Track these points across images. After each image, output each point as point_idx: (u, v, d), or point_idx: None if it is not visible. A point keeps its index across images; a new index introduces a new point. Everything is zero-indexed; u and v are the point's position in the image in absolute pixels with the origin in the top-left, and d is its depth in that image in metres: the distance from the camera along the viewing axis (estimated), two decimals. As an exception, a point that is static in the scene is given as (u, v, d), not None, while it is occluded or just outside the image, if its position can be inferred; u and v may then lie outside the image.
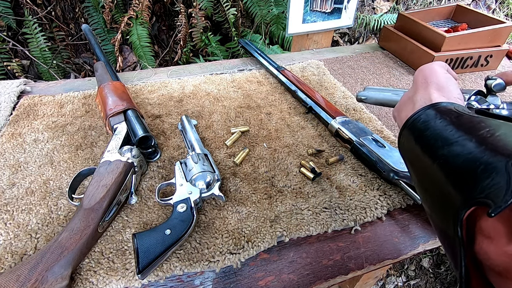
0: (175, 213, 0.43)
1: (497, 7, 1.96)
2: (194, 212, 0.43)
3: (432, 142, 0.23)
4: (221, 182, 0.49)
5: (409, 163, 0.28)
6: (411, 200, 0.49)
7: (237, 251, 0.43)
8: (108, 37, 1.46)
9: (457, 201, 0.18)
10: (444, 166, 0.21)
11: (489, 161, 0.18)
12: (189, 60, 1.54)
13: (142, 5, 1.33)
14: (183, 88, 0.76)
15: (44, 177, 0.52)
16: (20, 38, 1.37)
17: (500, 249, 0.17)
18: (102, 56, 0.70)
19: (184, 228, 0.41)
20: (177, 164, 0.51)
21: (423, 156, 0.23)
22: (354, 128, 0.57)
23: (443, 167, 0.21)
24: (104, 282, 0.39)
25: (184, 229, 0.41)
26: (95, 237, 0.42)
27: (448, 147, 0.21)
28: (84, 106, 0.69)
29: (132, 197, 0.48)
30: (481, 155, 0.19)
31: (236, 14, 1.39)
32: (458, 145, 0.20)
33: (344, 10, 0.93)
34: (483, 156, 0.18)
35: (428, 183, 0.22)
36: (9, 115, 0.66)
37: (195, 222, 0.43)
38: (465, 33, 0.82)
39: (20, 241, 0.43)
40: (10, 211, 0.47)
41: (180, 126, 0.63)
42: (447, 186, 0.20)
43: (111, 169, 0.46)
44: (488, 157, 0.18)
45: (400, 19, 0.94)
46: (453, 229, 0.18)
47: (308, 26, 0.92)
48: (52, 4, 1.36)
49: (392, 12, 1.86)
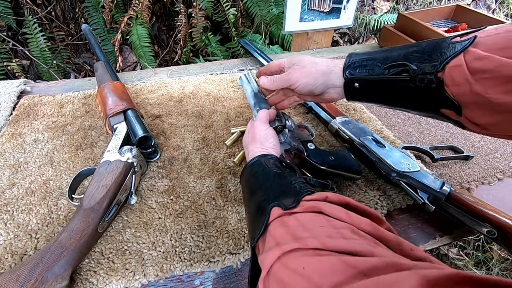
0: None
1: (497, 7, 1.96)
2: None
3: (249, 186, 0.40)
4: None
5: (244, 187, 0.43)
6: (411, 200, 0.49)
7: (237, 251, 0.43)
8: (108, 37, 1.46)
9: (262, 222, 0.32)
10: (254, 202, 0.36)
11: (263, 205, 0.33)
12: (189, 60, 1.54)
13: (142, 5, 1.33)
14: (183, 88, 0.76)
15: (44, 177, 0.52)
16: (20, 38, 1.37)
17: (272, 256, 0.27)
18: (102, 56, 0.70)
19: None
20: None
21: (251, 189, 0.39)
22: (354, 128, 0.57)
23: (255, 202, 0.36)
24: (104, 282, 0.39)
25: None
26: (95, 237, 0.42)
27: (252, 195, 0.38)
28: (84, 106, 0.69)
29: (132, 197, 0.48)
30: (261, 203, 0.34)
31: (236, 14, 1.39)
32: (257, 192, 0.37)
33: (343, 10, 0.93)
34: (262, 202, 0.34)
35: (253, 200, 0.37)
36: (9, 115, 0.66)
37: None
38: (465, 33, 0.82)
39: (20, 241, 0.43)
40: (10, 211, 0.47)
41: (240, 82, 0.60)
42: (257, 213, 0.35)
43: (111, 169, 0.46)
44: (263, 205, 0.33)
45: (400, 19, 0.94)
46: (263, 226, 0.31)
47: (305, 25, 0.92)
48: (52, 4, 1.36)
49: (392, 12, 1.86)
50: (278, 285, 0.25)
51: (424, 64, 0.34)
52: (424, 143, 0.62)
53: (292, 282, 0.24)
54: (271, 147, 0.44)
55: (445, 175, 0.55)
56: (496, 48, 0.30)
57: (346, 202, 0.31)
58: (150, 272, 0.40)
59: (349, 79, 0.42)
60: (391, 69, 0.38)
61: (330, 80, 0.44)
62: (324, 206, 0.29)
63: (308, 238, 0.26)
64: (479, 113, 0.33)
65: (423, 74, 0.34)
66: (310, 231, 0.27)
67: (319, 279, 0.22)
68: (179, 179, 0.53)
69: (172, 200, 0.49)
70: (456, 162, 0.58)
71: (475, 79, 0.30)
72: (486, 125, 0.33)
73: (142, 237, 0.44)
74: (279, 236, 0.29)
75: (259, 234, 0.31)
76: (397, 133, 0.64)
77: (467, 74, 0.31)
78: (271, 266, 0.26)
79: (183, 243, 0.44)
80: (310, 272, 0.23)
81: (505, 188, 0.54)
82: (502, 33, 0.31)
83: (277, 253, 0.26)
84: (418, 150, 0.58)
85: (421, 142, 0.62)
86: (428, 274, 0.17)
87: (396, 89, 0.38)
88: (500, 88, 0.29)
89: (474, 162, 0.58)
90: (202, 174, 0.54)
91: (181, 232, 0.45)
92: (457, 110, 0.34)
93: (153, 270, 0.40)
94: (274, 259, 0.26)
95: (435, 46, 0.35)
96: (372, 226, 0.27)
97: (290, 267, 0.25)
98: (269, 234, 0.30)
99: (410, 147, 0.58)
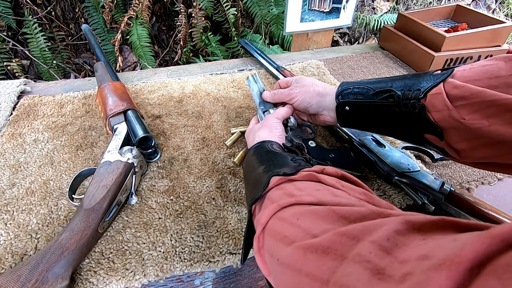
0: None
1: (497, 7, 1.96)
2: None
3: (251, 165, 0.41)
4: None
5: (245, 168, 0.44)
6: (411, 200, 0.49)
7: (237, 251, 0.43)
8: (108, 37, 1.46)
9: (261, 184, 0.34)
10: (255, 175, 0.38)
11: (263, 175, 0.35)
12: (189, 60, 1.54)
13: (142, 5, 1.33)
14: (183, 88, 0.76)
15: (44, 177, 0.52)
16: (20, 38, 1.37)
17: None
18: (102, 56, 0.70)
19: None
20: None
21: (252, 167, 0.40)
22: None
23: (255, 176, 0.38)
24: (104, 282, 0.39)
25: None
26: (95, 237, 0.42)
27: (253, 171, 0.39)
28: (84, 106, 0.69)
29: (132, 198, 0.48)
30: (261, 175, 0.35)
31: (236, 14, 1.39)
32: (259, 167, 0.38)
33: (343, 9, 0.93)
34: (263, 173, 0.35)
35: (254, 173, 0.38)
36: (9, 115, 0.66)
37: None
38: (465, 33, 0.82)
39: (20, 242, 0.43)
40: (10, 211, 0.47)
41: (247, 82, 0.64)
42: (259, 179, 0.36)
43: (112, 170, 0.46)
44: (264, 175, 0.35)
45: (400, 19, 0.94)
46: (262, 190, 0.33)
47: (306, 25, 0.92)
48: (52, 4, 1.36)
49: (392, 12, 1.86)
50: (272, 237, 0.26)
51: (408, 92, 0.38)
52: (424, 143, 0.62)
53: (285, 231, 0.25)
54: (277, 135, 0.46)
55: (445, 175, 0.55)
56: (471, 80, 0.34)
57: (342, 174, 0.33)
58: (150, 272, 0.40)
59: (340, 103, 0.46)
60: (379, 95, 0.42)
61: (324, 101, 0.48)
62: (321, 176, 0.31)
63: (304, 195, 0.27)
64: (458, 138, 0.35)
65: (406, 99, 0.38)
66: (307, 191, 0.28)
67: (310, 226, 0.23)
68: (179, 179, 0.53)
69: (172, 200, 0.50)
70: (456, 162, 0.58)
71: (454, 106, 0.34)
72: (465, 150, 0.36)
73: (142, 237, 0.44)
74: (276, 197, 0.30)
75: (259, 195, 0.33)
76: (397, 133, 0.64)
77: (446, 100, 0.34)
78: (267, 222, 0.28)
79: (183, 243, 0.44)
80: (303, 221, 0.24)
81: (505, 188, 0.54)
82: (477, 67, 0.35)
83: (273, 209, 0.28)
84: (418, 150, 0.58)
85: (421, 142, 0.62)
86: (413, 218, 0.18)
87: (383, 113, 0.42)
88: (475, 114, 0.32)
89: (474, 162, 0.58)
90: (202, 174, 0.54)
91: (181, 232, 0.45)
92: (439, 135, 0.37)
93: (153, 270, 0.40)
94: (270, 215, 0.28)
95: (418, 77, 0.39)
96: (366, 194, 0.28)
97: (284, 218, 0.26)
98: (267, 198, 0.32)
99: (410, 147, 0.58)
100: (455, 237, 0.15)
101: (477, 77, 0.34)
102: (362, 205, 0.24)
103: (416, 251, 0.16)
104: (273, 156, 0.39)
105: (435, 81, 0.37)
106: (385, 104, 0.41)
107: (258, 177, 0.36)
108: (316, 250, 0.20)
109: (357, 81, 0.46)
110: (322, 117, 0.50)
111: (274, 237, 0.26)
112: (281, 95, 0.54)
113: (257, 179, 0.36)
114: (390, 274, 0.15)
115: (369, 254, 0.17)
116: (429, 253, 0.15)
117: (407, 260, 0.16)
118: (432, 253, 0.15)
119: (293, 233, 0.24)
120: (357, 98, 0.44)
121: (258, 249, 0.29)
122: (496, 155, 0.34)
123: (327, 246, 0.20)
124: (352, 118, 0.46)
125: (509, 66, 0.32)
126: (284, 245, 0.24)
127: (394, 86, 0.40)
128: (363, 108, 0.44)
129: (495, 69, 0.33)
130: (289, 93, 0.52)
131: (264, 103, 0.58)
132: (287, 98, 0.53)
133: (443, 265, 0.13)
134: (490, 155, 0.34)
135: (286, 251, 0.23)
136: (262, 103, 0.58)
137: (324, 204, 0.25)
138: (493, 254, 0.12)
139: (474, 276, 0.12)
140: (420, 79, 0.38)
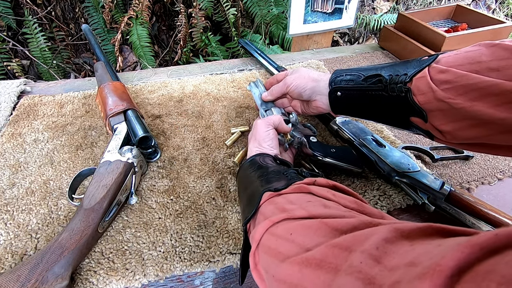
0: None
1: (497, 7, 1.96)
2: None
3: (244, 181, 0.42)
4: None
5: (239, 186, 0.45)
6: (411, 200, 0.49)
7: (237, 251, 0.43)
8: (108, 37, 1.46)
9: (255, 200, 0.35)
10: (248, 193, 0.39)
11: (256, 193, 0.36)
12: (189, 60, 1.54)
13: (142, 5, 1.33)
14: (183, 88, 0.76)
15: (44, 177, 0.52)
16: (20, 38, 1.37)
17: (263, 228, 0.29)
18: (102, 56, 0.70)
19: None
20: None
21: (245, 184, 0.41)
22: (354, 128, 0.57)
23: (248, 193, 0.39)
24: (104, 282, 0.39)
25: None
26: (95, 237, 0.42)
27: (246, 189, 0.40)
28: (84, 106, 0.69)
29: (132, 197, 0.48)
30: (255, 191, 0.36)
31: (236, 14, 1.39)
32: (252, 184, 0.39)
33: (345, 10, 0.93)
34: (255, 191, 0.36)
35: (247, 191, 0.39)
36: (9, 115, 0.66)
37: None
38: (465, 33, 0.82)
39: (20, 241, 0.43)
40: (10, 211, 0.47)
41: (248, 87, 0.66)
42: (252, 197, 0.37)
43: (111, 169, 0.46)
44: (256, 192, 0.35)
45: (400, 19, 0.94)
46: (254, 208, 0.34)
47: (309, 27, 0.92)
48: (52, 4, 1.36)
49: (392, 12, 1.86)
50: (266, 253, 0.27)
51: (395, 76, 0.40)
52: (424, 143, 0.62)
53: (279, 247, 0.25)
54: (268, 148, 0.47)
55: (445, 175, 0.55)
56: (455, 65, 0.35)
57: (333, 184, 0.33)
58: (150, 272, 0.40)
59: (333, 88, 0.48)
60: (368, 80, 0.44)
61: (318, 87, 0.50)
62: (312, 187, 0.32)
63: (295, 209, 0.28)
64: (443, 120, 0.37)
65: (394, 84, 0.40)
66: (298, 204, 0.29)
67: (303, 240, 0.24)
68: (179, 179, 0.53)
69: (172, 200, 0.49)
70: (456, 162, 0.58)
71: (439, 88, 0.35)
72: (450, 131, 0.37)
73: (142, 237, 0.44)
74: (268, 212, 0.31)
75: (251, 214, 0.33)
76: (397, 133, 0.64)
77: (430, 83, 0.36)
78: (261, 238, 0.28)
79: (183, 243, 0.44)
80: (296, 236, 0.25)
81: (505, 188, 0.54)
82: (460, 53, 0.36)
83: (266, 225, 0.28)
84: (418, 150, 0.58)
85: (421, 142, 0.62)
86: (402, 226, 0.19)
87: (372, 97, 0.44)
88: (460, 97, 0.34)
89: (474, 162, 0.58)
90: (202, 174, 0.54)
91: (181, 232, 0.45)
92: (423, 118, 0.38)
93: (153, 270, 0.40)
94: (263, 232, 0.28)
95: (406, 63, 0.41)
96: (357, 203, 0.28)
97: (277, 234, 0.27)
98: (260, 213, 0.33)
99: (410, 147, 0.58)
100: (440, 243, 0.16)
101: (460, 62, 0.35)
102: (353, 215, 0.25)
103: (405, 257, 0.16)
104: (265, 171, 0.40)
105: (420, 66, 0.38)
106: (373, 88, 0.43)
107: (251, 194, 0.37)
108: (311, 264, 0.21)
109: (350, 68, 0.48)
110: (315, 103, 0.51)
111: (269, 254, 0.26)
112: (277, 88, 0.56)
113: (250, 196, 0.37)
114: (380, 283, 0.16)
115: (360, 264, 0.18)
116: (415, 260, 0.15)
117: (396, 267, 0.16)
118: (418, 259, 0.15)
119: (287, 248, 0.24)
120: (349, 83, 0.46)
121: (255, 265, 0.29)
122: (482, 136, 0.34)
123: (320, 259, 0.21)
124: (343, 104, 0.48)
125: (490, 52, 0.33)
126: (278, 261, 0.24)
127: (383, 72, 0.42)
128: (354, 93, 0.45)
129: (477, 55, 0.34)
130: (284, 82, 0.54)
131: (265, 103, 0.61)
132: (284, 87, 0.55)
133: (426, 274, 0.14)
134: (476, 136, 0.35)
135: (281, 267, 0.24)
136: (264, 103, 0.61)
137: (315, 217, 0.26)
138: (472, 261, 0.13)
139: (455, 283, 0.13)
140: (407, 65, 0.40)
